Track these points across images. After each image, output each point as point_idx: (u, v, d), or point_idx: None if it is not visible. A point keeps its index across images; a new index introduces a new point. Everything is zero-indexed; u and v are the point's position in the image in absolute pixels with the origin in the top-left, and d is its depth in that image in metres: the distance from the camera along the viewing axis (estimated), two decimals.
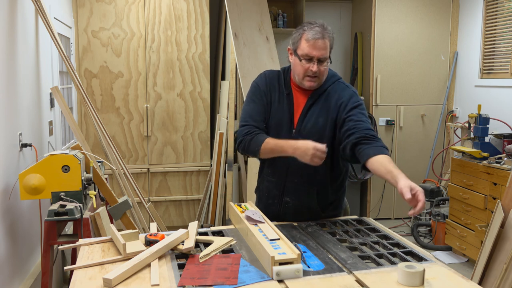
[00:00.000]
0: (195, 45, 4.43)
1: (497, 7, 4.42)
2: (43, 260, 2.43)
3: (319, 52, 1.95)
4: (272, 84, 2.12)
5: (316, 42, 1.94)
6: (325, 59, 1.97)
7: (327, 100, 2.04)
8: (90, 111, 3.26)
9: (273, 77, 2.14)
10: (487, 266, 2.73)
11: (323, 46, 1.95)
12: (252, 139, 2.02)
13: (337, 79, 2.11)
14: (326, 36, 1.96)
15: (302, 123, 2.04)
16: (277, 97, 2.09)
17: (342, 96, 2.03)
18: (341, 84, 2.09)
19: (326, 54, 1.97)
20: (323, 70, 1.99)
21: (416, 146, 5.12)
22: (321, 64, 1.97)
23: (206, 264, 1.58)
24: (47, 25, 2.99)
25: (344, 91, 2.05)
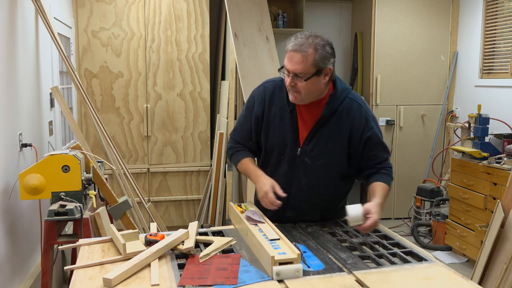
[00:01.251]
0: (195, 45, 4.43)
1: (497, 7, 4.42)
2: (43, 260, 2.43)
3: (293, 66, 1.78)
4: (272, 99, 1.98)
5: (291, 55, 1.78)
6: (301, 74, 1.78)
7: (339, 123, 1.90)
8: (90, 111, 3.26)
9: (273, 90, 1.99)
10: (487, 266, 2.73)
11: (298, 60, 1.76)
12: (232, 155, 2.07)
13: (347, 94, 1.93)
14: (306, 49, 1.76)
15: (309, 144, 1.92)
16: (278, 113, 1.95)
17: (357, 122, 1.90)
18: (353, 102, 1.92)
19: (302, 69, 1.77)
20: (303, 87, 1.80)
21: (416, 146, 5.12)
22: (298, 79, 1.79)
23: (206, 264, 1.58)
24: (47, 25, 2.99)
25: (357, 114, 1.91)
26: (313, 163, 1.93)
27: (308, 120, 1.92)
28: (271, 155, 2.01)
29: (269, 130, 1.97)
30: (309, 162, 1.93)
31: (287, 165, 1.96)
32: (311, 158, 1.92)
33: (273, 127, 1.97)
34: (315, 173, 1.94)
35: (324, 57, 1.79)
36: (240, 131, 2.07)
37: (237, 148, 2.06)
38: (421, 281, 1.46)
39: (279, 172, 1.98)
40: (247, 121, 2.04)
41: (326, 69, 1.82)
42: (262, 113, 1.99)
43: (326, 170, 1.94)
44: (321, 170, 1.94)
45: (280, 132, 1.95)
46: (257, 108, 2.00)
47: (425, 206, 4.60)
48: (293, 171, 1.96)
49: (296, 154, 1.94)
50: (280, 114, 1.95)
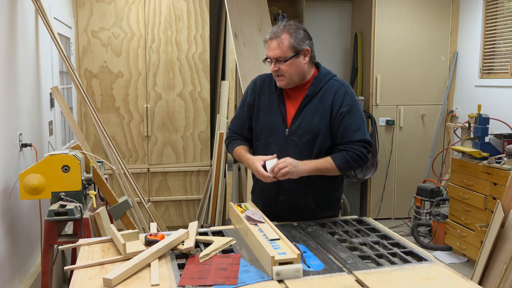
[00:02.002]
0: (195, 45, 4.43)
1: (497, 7, 4.42)
2: (43, 260, 2.43)
3: (272, 52, 1.99)
4: (262, 88, 2.16)
5: (269, 43, 2.00)
6: (281, 58, 1.97)
7: (322, 100, 2.04)
8: (90, 111, 3.26)
9: (264, 81, 2.18)
10: (487, 266, 2.72)
11: (275, 46, 1.97)
12: (228, 144, 2.25)
13: (331, 76, 2.09)
14: (280, 35, 1.96)
15: (295, 123, 2.04)
16: (267, 100, 2.12)
17: (336, 98, 2.03)
18: (335, 82, 2.07)
19: (280, 54, 1.97)
20: (286, 69, 1.99)
21: (416, 146, 5.12)
22: (280, 64, 1.98)
23: (206, 264, 1.58)
24: (47, 25, 2.99)
25: (338, 91, 2.04)
26: (300, 140, 2.04)
27: (295, 102, 2.08)
28: (261, 139, 2.14)
29: (259, 115, 2.14)
30: (296, 140, 2.04)
31: (276, 146, 2.07)
32: (298, 136, 2.04)
33: (263, 112, 2.13)
34: (304, 150, 2.03)
35: (299, 39, 1.98)
36: (236, 121, 2.25)
37: (232, 137, 2.24)
38: (421, 281, 1.46)
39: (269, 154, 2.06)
40: (241, 112, 2.23)
41: (304, 50, 2.00)
42: (253, 101, 2.16)
43: (313, 146, 2.04)
44: (308, 146, 2.04)
45: (269, 115, 2.10)
46: (249, 98, 2.18)
47: (425, 206, 4.60)
48: (282, 151, 2.05)
49: (284, 135, 2.06)
50: (269, 100, 2.12)
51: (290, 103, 2.09)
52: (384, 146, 5.04)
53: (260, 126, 2.13)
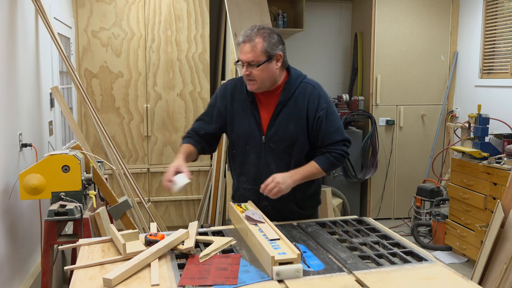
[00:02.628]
0: (195, 45, 4.43)
1: (497, 7, 4.42)
2: (43, 260, 2.43)
3: (244, 56, 1.94)
4: (234, 94, 2.10)
5: (242, 46, 1.95)
6: (254, 62, 1.92)
7: (296, 106, 2.02)
8: (90, 111, 3.26)
9: (235, 86, 2.12)
10: (487, 266, 2.73)
11: (248, 50, 1.92)
12: (183, 138, 2.17)
13: (302, 79, 2.07)
14: (254, 39, 1.92)
15: (271, 129, 2.03)
16: (240, 106, 2.08)
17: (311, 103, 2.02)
18: (307, 85, 2.05)
19: (253, 57, 1.92)
20: (258, 74, 1.94)
21: (416, 146, 5.12)
22: (252, 68, 1.93)
23: (206, 264, 1.58)
24: (47, 25, 2.99)
25: (311, 95, 2.03)
26: (278, 147, 2.04)
27: (268, 108, 2.05)
28: (237, 147, 2.12)
29: (234, 122, 2.10)
30: (274, 147, 2.04)
31: (254, 154, 2.07)
32: (276, 143, 2.03)
33: (237, 119, 2.09)
34: (282, 156, 2.05)
35: (272, 44, 1.95)
36: (200, 122, 2.18)
37: (188, 134, 2.17)
38: (421, 281, 1.46)
39: (248, 162, 2.09)
40: (209, 115, 2.15)
41: (277, 55, 1.97)
42: (225, 108, 2.11)
43: (291, 152, 2.04)
44: (287, 153, 2.04)
45: (244, 122, 2.07)
46: (219, 104, 2.13)
47: (425, 206, 4.60)
48: (261, 159, 2.06)
49: (261, 142, 2.05)
50: (242, 106, 2.08)
51: (263, 109, 2.06)
52: (384, 146, 5.04)
53: (236, 134, 2.09)
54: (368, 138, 4.86)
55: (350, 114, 4.88)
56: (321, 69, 5.53)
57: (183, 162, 1.99)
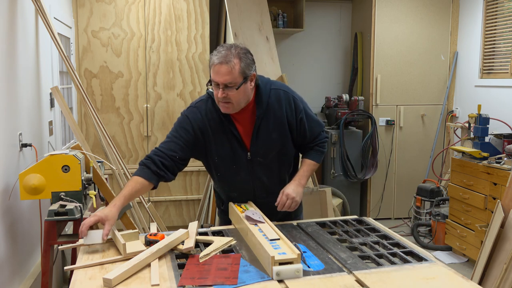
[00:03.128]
0: (195, 45, 4.43)
1: (497, 7, 4.42)
2: (43, 260, 2.42)
3: (222, 78, 1.83)
4: (207, 115, 1.98)
5: (218, 68, 1.83)
6: (231, 84, 1.84)
7: (275, 114, 1.99)
8: (90, 111, 3.26)
9: (205, 107, 2.00)
10: (487, 266, 2.73)
11: (225, 72, 1.82)
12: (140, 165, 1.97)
13: (270, 87, 2.02)
14: (231, 60, 1.83)
15: (255, 144, 1.99)
16: (216, 127, 1.98)
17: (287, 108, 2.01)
18: (278, 91, 2.02)
19: (231, 80, 1.83)
20: (233, 95, 1.86)
21: (416, 146, 5.12)
22: (229, 90, 1.85)
23: (206, 264, 1.58)
24: (47, 25, 2.99)
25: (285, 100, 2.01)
26: (265, 159, 2.03)
27: (246, 124, 2.00)
28: (223, 169, 2.04)
29: (212, 147, 2.00)
30: (262, 160, 2.03)
31: (243, 171, 2.03)
32: (263, 156, 2.02)
33: (216, 142, 1.99)
34: (271, 166, 2.06)
35: (248, 64, 1.89)
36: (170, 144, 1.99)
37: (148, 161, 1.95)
38: (421, 281, 1.46)
39: (238, 181, 2.05)
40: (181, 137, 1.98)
41: (251, 75, 1.91)
42: (202, 132, 1.98)
43: (279, 160, 2.06)
44: (275, 161, 2.05)
45: (224, 144, 1.99)
46: (195, 127, 1.98)
47: (425, 206, 4.60)
48: (251, 175, 2.04)
49: (247, 158, 2.01)
50: (219, 127, 1.99)
51: (240, 125, 1.99)
52: (384, 146, 5.04)
53: (220, 157, 2.00)
54: (368, 138, 4.86)
55: (350, 114, 4.88)
56: (321, 69, 5.53)
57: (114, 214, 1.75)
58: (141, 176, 1.91)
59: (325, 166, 4.99)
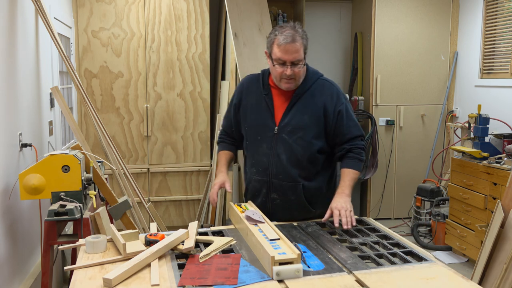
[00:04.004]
0: (195, 45, 4.43)
1: (497, 7, 4.42)
2: (43, 260, 2.43)
3: (291, 56, 1.97)
4: (249, 88, 2.20)
5: (287, 47, 1.96)
6: (298, 61, 1.99)
7: (312, 98, 2.08)
8: (90, 111, 3.26)
9: (251, 81, 2.22)
10: (487, 266, 2.73)
11: (294, 50, 1.97)
12: (218, 143, 2.37)
13: (319, 76, 2.15)
14: (298, 39, 1.97)
15: (284, 120, 2.08)
16: (255, 99, 2.16)
17: (329, 97, 2.09)
18: (325, 82, 2.14)
19: (299, 57, 1.99)
20: (298, 72, 2.02)
21: (416, 146, 5.12)
22: (295, 67, 2.00)
23: (206, 264, 1.58)
24: (47, 25, 2.99)
25: (329, 90, 2.11)
26: (290, 137, 2.07)
27: (283, 100, 2.11)
28: (250, 138, 2.19)
29: (247, 114, 2.18)
30: (286, 137, 2.08)
31: (266, 144, 2.12)
32: (288, 133, 2.07)
33: (251, 111, 2.17)
34: (294, 147, 2.08)
35: (307, 43, 2.05)
36: (225, 121, 2.34)
37: (221, 138, 2.34)
38: (421, 281, 1.46)
39: (259, 153, 2.13)
40: (228, 112, 2.30)
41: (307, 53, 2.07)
42: (240, 101, 2.22)
43: (303, 143, 2.07)
44: (299, 144, 2.07)
45: (257, 114, 2.14)
46: (235, 99, 2.24)
47: (425, 206, 4.60)
48: (272, 149, 2.10)
49: (274, 132, 2.09)
50: (257, 99, 2.16)
51: (278, 101, 2.12)
52: (384, 146, 5.04)
53: (249, 125, 2.17)
54: (368, 138, 4.86)
55: None
56: (321, 69, 5.42)
57: (226, 177, 2.17)
58: (225, 149, 2.29)
59: None
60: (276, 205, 2.12)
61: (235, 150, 2.32)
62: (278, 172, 2.09)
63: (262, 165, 2.13)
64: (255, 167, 2.16)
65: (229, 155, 2.28)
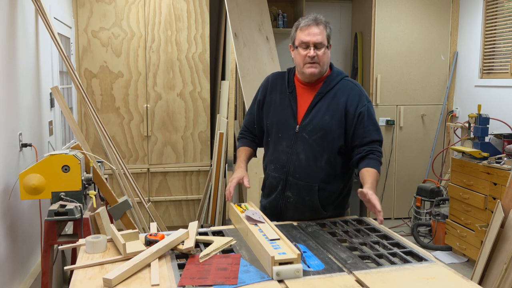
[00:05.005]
0: (195, 45, 4.43)
1: (497, 7, 4.42)
2: (43, 260, 2.43)
3: (314, 37, 2.00)
4: (274, 85, 2.19)
5: (309, 28, 2.02)
6: (321, 44, 2.01)
7: (335, 99, 2.07)
8: (90, 111, 3.26)
9: (276, 78, 2.22)
10: (487, 266, 2.73)
11: (317, 32, 2.01)
12: (238, 139, 2.34)
13: (343, 76, 2.14)
14: (320, 23, 2.02)
15: (306, 119, 2.07)
16: (279, 96, 2.15)
17: (351, 98, 2.07)
18: (348, 82, 2.12)
19: (321, 40, 2.01)
20: (322, 56, 2.03)
21: (416, 146, 5.12)
22: (318, 50, 2.01)
23: (206, 264, 1.58)
24: (47, 25, 2.99)
25: (352, 91, 2.09)
26: (310, 137, 2.06)
27: (307, 99, 2.11)
28: (271, 135, 2.17)
29: (270, 110, 2.17)
30: (307, 137, 2.07)
31: (286, 142, 2.11)
32: (309, 133, 2.06)
33: (274, 108, 2.16)
34: (313, 147, 2.06)
35: (330, 32, 2.07)
36: (247, 116, 2.32)
37: (242, 134, 2.32)
38: (421, 281, 1.46)
39: (279, 150, 2.13)
40: (252, 108, 2.28)
41: (330, 44, 2.08)
42: (264, 98, 2.20)
43: (323, 144, 2.06)
44: (318, 144, 2.06)
45: (280, 111, 2.13)
46: (260, 95, 2.23)
47: (425, 206, 4.60)
48: (292, 148, 2.09)
49: (294, 131, 2.09)
50: (281, 96, 2.15)
51: (302, 100, 2.11)
52: (384, 146, 5.02)
53: (271, 122, 2.15)
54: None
55: None
56: None
57: (244, 172, 2.11)
58: (245, 145, 2.27)
59: None
60: (289, 204, 2.11)
61: (255, 147, 2.30)
62: (295, 171, 2.08)
63: (280, 162, 2.12)
64: (274, 163, 2.15)
65: (249, 152, 2.25)
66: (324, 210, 2.12)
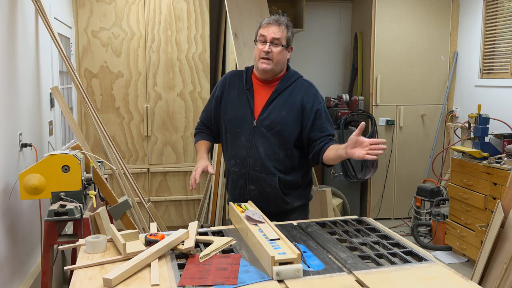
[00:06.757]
0: (195, 45, 4.43)
1: (497, 7, 4.42)
2: (43, 260, 2.43)
3: (272, 33, 2.11)
4: (232, 82, 2.29)
5: (268, 25, 2.14)
6: (278, 41, 2.11)
7: (291, 96, 2.18)
8: (90, 111, 3.26)
9: (234, 76, 2.32)
10: (487, 266, 2.73)
11: (275, 30, 2.12)
12: (195, 135, 2.42)
13: (299, 76, 2.26)
14: (281, 23, 2.13)
15: (263, 114, 2.17)
16: (236, 93, 2.25)
17: (307, 96, 2.18)
18: (304, 82, 2.25)
19: (279, 36, 2.11)
20: (277, 54, 2.12)
21: (416, 146, 5.12)
22: (275, 47, 2.12)
23: (206, 264, 1.58)
24: (47, 25, 2.99)
25: (308, 89, 2.21)
26: (268, 131, 2.16)
27: (263, 96, 2.21)
28: (229, 130, 2.25)
29: (228, 106, 2.26)
30: (265, 131, 2.17)
31: (244, 137, 2.20)
32: (267, 127, 2.16)
33: (231, 104, 2.25)
34: (271, 140, 2.16)
35: (291, 36, 2.18)
36: (204, 113, 2.41)
37: (199, 129, 2.40)
38: (421, 281, 1.46)
39: (238, 145, 2.22)
40: (209, 104, 2.37)
41: (291, 46, 2.20)
42: (222, 94, 2.29)
43: (280, 137, 2.16)
44: (276, 137, 2.16)
45: (237, 107, 2.23)
46: (218, 91, 2.32)
47: (425, 206, 4.60)
48: (251, 142, 2.18)
49: (252, 126, 2.18)
50: (238, 93, 2.25)
51: (259, 96, 2.21)
52: None
53: (229, 118, 2.24)
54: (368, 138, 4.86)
55: (350, 114, 4.89)
56: (321, 69, 5.53)
57: (208, 161, 2.19)
58: (204, 139, 2.35)
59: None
60: (254, 197, 2.19)
61: (213, 141, 2.38)
62: (255, 164, 2.18)
63: (240, 157, 2.21)
64: (234, 159, 2.24)
65: (208, 145, 2.34)
66: (288, 199, 2.21)
